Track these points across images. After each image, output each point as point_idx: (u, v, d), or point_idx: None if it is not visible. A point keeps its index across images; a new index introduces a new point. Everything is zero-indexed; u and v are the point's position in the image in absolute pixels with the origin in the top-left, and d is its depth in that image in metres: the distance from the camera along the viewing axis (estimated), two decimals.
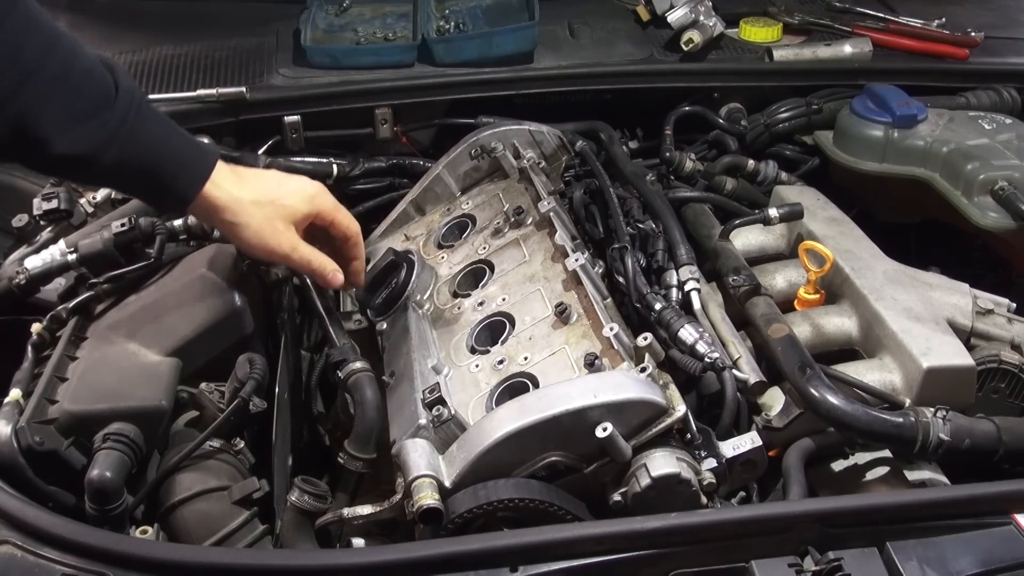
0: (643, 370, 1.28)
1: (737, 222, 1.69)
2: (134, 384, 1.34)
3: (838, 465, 1.43)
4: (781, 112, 2.08)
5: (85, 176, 1.29)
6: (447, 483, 1.21)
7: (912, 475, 1.39)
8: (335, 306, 1.68)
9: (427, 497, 1.16)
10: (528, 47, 2.06)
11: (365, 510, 1.23)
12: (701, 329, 1.41)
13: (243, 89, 1.90)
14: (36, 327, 1.45)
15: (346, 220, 1.45)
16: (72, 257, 1.56)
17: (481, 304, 1.55)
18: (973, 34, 2.15)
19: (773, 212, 1.66)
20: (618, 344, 1.35)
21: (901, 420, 1.29)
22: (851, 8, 2.29)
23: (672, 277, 1.56)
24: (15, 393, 1.31)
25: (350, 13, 2.24)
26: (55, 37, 1.13)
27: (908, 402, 1.36)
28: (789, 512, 1.12)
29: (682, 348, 1.40)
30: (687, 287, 1.54)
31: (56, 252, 1.58)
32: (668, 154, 1.97)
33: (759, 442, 1.30)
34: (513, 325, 1.48)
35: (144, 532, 1.24)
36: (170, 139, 1.25)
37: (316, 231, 1.44)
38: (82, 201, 1.75)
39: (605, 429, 1.19)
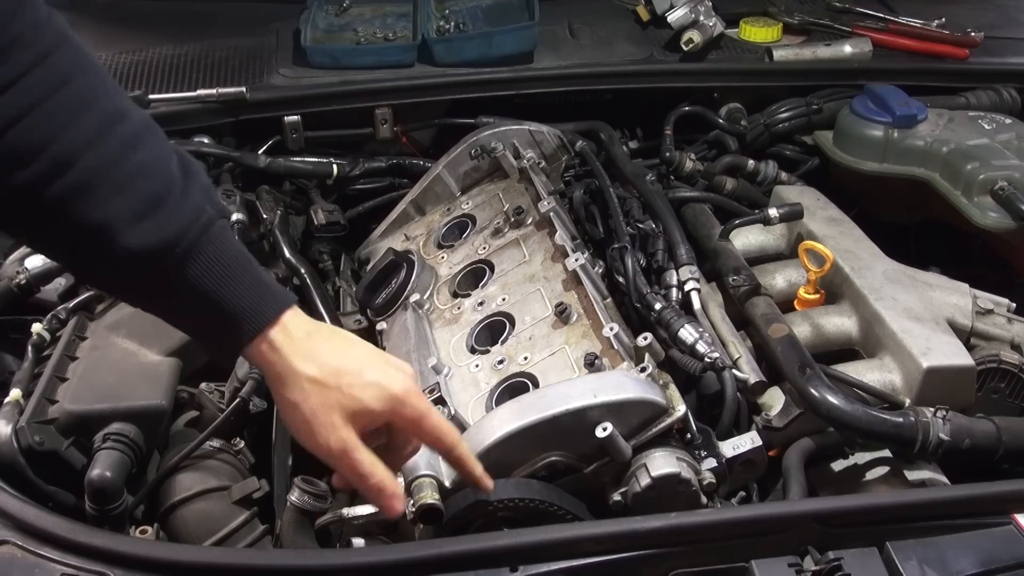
0: (643, 370, 1.28)
1: (737, 222, 1.69)
2: (134, 384, 1.34)
3: (838, 465, 1.42)
4: (781, 112, 2.08)
5: (127, 298, 1.03)
6: (447, 483, 1.20)
7: (912, 475, 1.39)
8: (335, 306, 1.68)
9: (427, 497, 1.16)
10: (528, 47, 2.06)
11: (365, 510, 1.23)
12: (701, 329, 1.41)
13: (243, 89, 1.90)
14: (36, 327, 1.45)
15: (439, 429, 1.06)
16: None
17: (481, 304, 1.55)
18: (973, 34, 2.15)
19: (773, 212, 1.66)
20: (618, 344, 1.35)
21: (901, 420, 1.29)
22: (851, 8, 2.29)
23: (672, 277, 1.56)
24: (15, 393, 1.31)
25: (350, 13, 2.24)
26: (114, 121, 0.92)
27: (908, 402, 1.36)
28: (789, 512, 1.12)
29: (682, 348, 1.40)
30: (687, 287, 1.54)
31: None
32: (668, 154, 1.97)
33: (759, 442, 1.30)
34: (513, 325, 1.48)
35: (144, 532, 1.24)
36: (240, 273, 0.97)
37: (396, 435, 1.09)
38: None
39: (605, 429, 1.19)
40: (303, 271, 1.64)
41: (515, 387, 1.37)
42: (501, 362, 1.42)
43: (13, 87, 0.86)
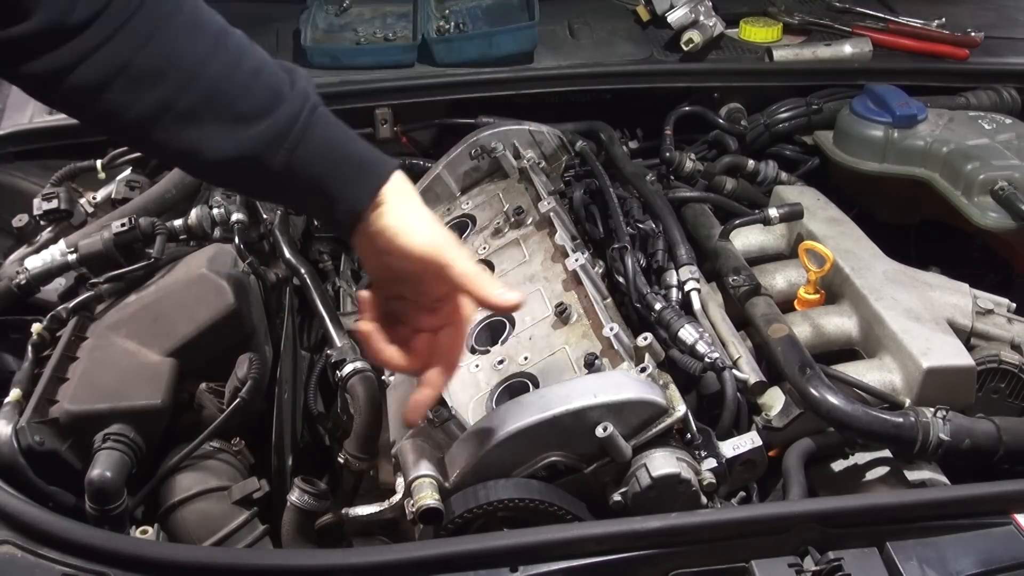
0: (643, 370, 1.28)
1: (737, 222, 1.69)
2: (134, 384, 1.34)
3: (838, 465, 1.43)
4: (781, 112, 2.08)
5: (252, 184, 1.11)
6: (447, 483, 1.21)
7: (912, 475, 1.39)
8: (335, 306, 1.68)
9: (427, 497, 1.16)
10: (528, 47, 2.06)
11: (365, 510, 1.23)
12: (701, 329, 1.41)
13: None
14: (36, 327, 1.45)
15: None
16: (72, 257, 1.56)
17: None
18: (973, 34, 2.15)
19: (773, 212, 1.66)
20: (618, 344, 1.35)
21: (901, 420, 1.29)
22: (851, 8, 2.29)
23: (672, 277, 1.56)
24: (15, 393, 1.31)
25: (350, 13, 2.24)
26: (223, 35, 1.03)
27: (908, 402, 1.36)
28: (789, 512, 1.12)
29: (682, 348, 1.40)
30: (687, 287, 1.54)
31: (56, 252, 1.58)
32: (668, 154, 1.97)
33: (759, 442, 1.30)
34: (513, 325, 1.48)
35: (144, 532, 1.24)
36: (349, 143, 1.09)
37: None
38: (82, 201, 1.76)
39: (605, 429, 1.19)
40: (303, 271, 1.64)
41: (515, 387, 1.37)
42: (501, 362, 1.42)
43: (136, 15, 0.96)
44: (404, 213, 1.09)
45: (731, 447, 1.29)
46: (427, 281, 1.11)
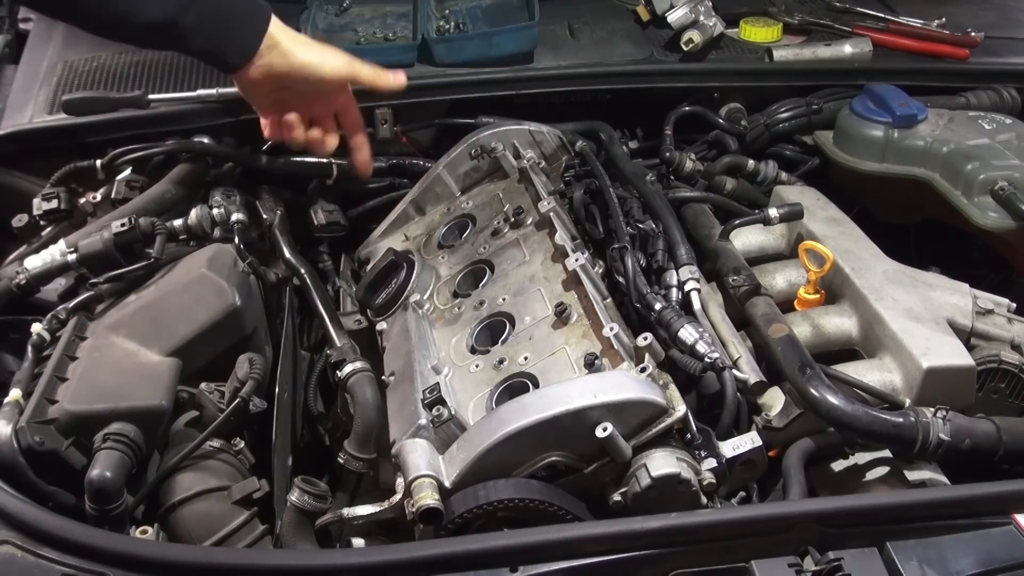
0: (643, 370, 1.29)
1: (737, 222, 1.69)
2: (134, 384, 1.34)
3: (838, 465, 1.43)
4: (781, 112, 2.07)
5: (163, 42, 1.49)
6: (447, 483, 1.21)
7: (912, 475, 1.39)
8: (335, 306, 1.68)
9: (427, 497, 1.16)
10: (528, 47, 2.06)
11: (365, 510, 1.23)
12: (701, 329, 1.41)
13: None
14: (36, 327, 1.45)
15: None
16: (72, 257, 1.56)
17: (481, 304, 1.55)
18: (973, 34, 2.15)
19: (773, 212, 1.66)
20: (618, 344, 1.35)
21: (901, 420, 1.29)
22: (851, 8, 2.29)
23: (672, 277, 1.56)
24: (15, 393, 1.31)
25: (350, 13, 2.23)
26: None
27: (908, 402, 1.36)
28: (789, 512, 1.12)
29: (682, 348, 1.40)
30: (687, 287, 1.54)
31: (56, 252, 1.58)
32: (668, 154, 1.97)
33: (759, 442, 1.30)
34: (513, 325, 1.48)
35: (144, 532, 1.24)
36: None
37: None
38: (82, 201, 1.75)
39: (605, 429, 1.19)
40: (303, 271, 1.64)
41: (515, 387, 1.37)
42: (501, 362, 1.42)
43: None
44: (302, 49, 1.50)
45: (731, 447, 1.29)
46: (332, 95, 1.59)
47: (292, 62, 1.49)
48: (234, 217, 1.66)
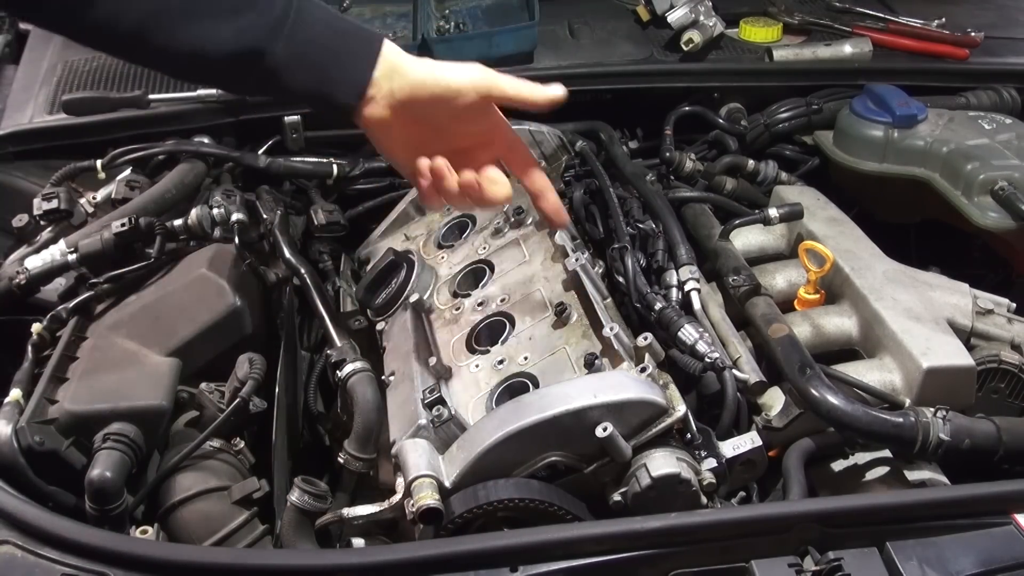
0: (643, 370, 1.28)
1: (737, 222, 1.69)
2: (134, 384, 1.34)
3: (838, 465, 1.43)
4: (781, 112, 2.08)
5: (257, 78, 1.11)
6: (447, 483, 1.21)
7: (912, 475, 1.39)
8: (335, 306, 1.68)
9: (427, 497, 1.16)
10: (528, 47, 2.06)
11: (365, 510, 1.23)
12: (701, 329, 1.41)
13: None
14: (36, 327, 1.45)
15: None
16: (72, 257, 1.56)
17: (481, 304, 1.55)
18: (973, 34, 2.15)
19: (773, 212, 1.66)
20: (618, 344, 1.35)
21: (901, 420, 1.29)
22: (851, 8, 2.29)
23: (672, 277, 1.56)
24: (15, 393, 1.31)
25: (350, 13, 2.23)
26: None
27: (908, 402, 1.36)
28: (789, 512, 1.12)
29: (682, 348, 1.40)
30: (687, 287, 1.54)
31: (56, 252, 1.58)
32: (668, 154, 1.97)
33: (759, 442, 1.30)
34: (513, 325, 1.48)
35: (144, 532, 1.24)
36: (339, 21, 1.15)
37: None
38: (82, 201, 1.75)
39: (605, 429, 1.19)
40: (303, 271, 1.64)
41: (515, 387, 1.37)
42: (501, 362, 1.42)
43: None
44: (426, 64, 1.16)
45: (731, 447, 1.29)
46: (472, 115, 1.20)
47: (414, 80, 1.14)
48: (234, 217, 1.66)
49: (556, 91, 1.24)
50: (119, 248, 1.56)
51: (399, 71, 1.14)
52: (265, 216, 1.75)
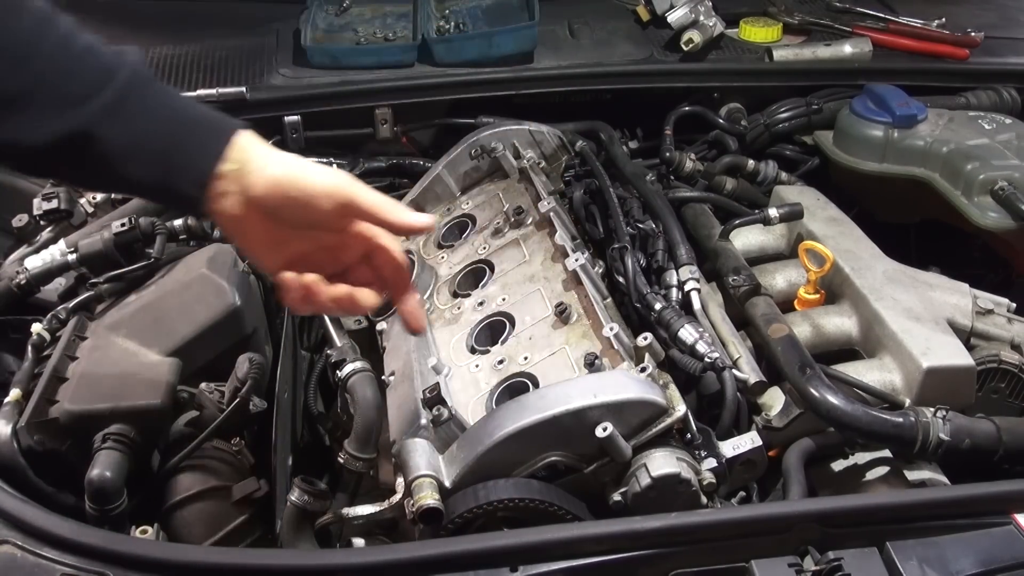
0: (643, 370, 1.28)
1: (737, 222, 1.69)
2: (134, 384, 1.34)
3: (838, 465, 1.43)
4: (781, 112, 2.08)
5: (86, 166, 1.01)
6: (447, 483, 1.20)
7: (912, 475, 1.39)
8: None
9: (427, 497, 1.16)
10: (528, 47, 2.06)
11: (365, 510, 1.23)
12: (701, 329, 1.41)
13: (243, 89, 1.90)
14: (36, 327, 1.45)
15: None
16: (72, 257, 1.56)
17: (481, 304, 1.55)
18: (973, 34, 2.16)
19: (773, 212, 1.66)
20: (618, 344, 1.35)
21: (901, 420, 1.29)
22: (851, 8, 2.29)
23: (672, 277, 1.56)
24: (15, 393, 1.31)
25: (350, 13, 2.24)
26: (49, 14, 0.98)
27: (908, 402, 1.36)
28: (789, 512, 1.12)
29: (682, 348, 1.40)
30: (687, 287, 1.54)
31: (56, 252, 1.58)
32: (668, 154, 1.97)
33: (759, 442, 1.30)
34: (513, 325, 1.48)
35: (144, 532, 1.24)
36: (189, 109, 1.04)
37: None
38: (82, 201, 1.76)
39: (605, 429, 1.19)
40: None
41: (515, 387, 1.37)
42: (501, 362, 1.42)
43: None
44: (285, 162, 1.04)
45: (731, 447, 1.29)
46: (330, 222, 1.05)
47: (270, 178, 1.02)
48: None
49: (422, 220, 1.10)
50: (119, 248, 1.56)
51: (255, 166, 1.02)
52: None
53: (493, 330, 1.50)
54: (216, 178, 1.01)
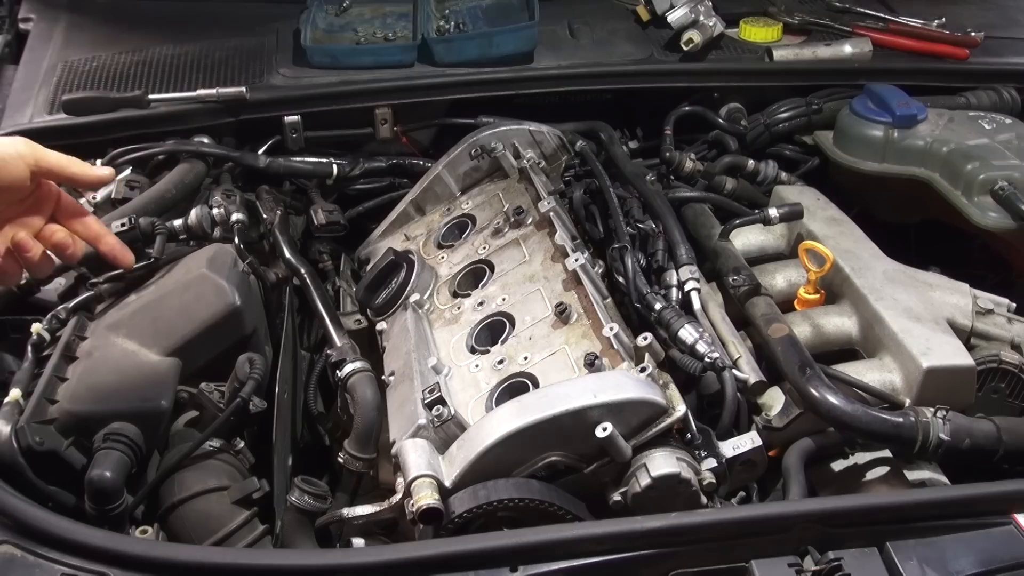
0: (643, 370, 1.28)
1: (737, 222, 1.69)
2: (134, 384, 1.34)
3: (838, 465, 1.43)
4: (781, 112, 2.08)
5: None
6: (447, 483, 1.21)
7: (912, 475, 1.39)
8: (335, 306, 1.68)
9: (427, 497, 1.16)
10: (528, 47, 2.06)
11: (365, 510, 1.23)
12: (701, 329, 1.41)
13: (243, 89, 1.90)
14: (36, 327, 1.45)
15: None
16: None
17: (481, 304, 1.55)
18: (973, 34, 2.16)
19: (773, 212, 1.66)
20: (618, 344, 1.35)
21: (901, 420, 1.29)
22: (851, 8, 2.29)
23: (672, 277, 1.56)
24: (15, 393, 1.31)
25: (350, 13, 2.24)
26: None
27: (908, 402, 1.36)
28: (789, 512, 1.12)
29: (682, 348, 1.40)
30: (687, 287, 1.54)
31: None
32: (668, 154, 1.97)
33: (759, 442, 1.30)
34: (513, 325, 1.48)
35: (144, 532, 1.24)
36: None
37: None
38: (82, 201, 1.75)
39: (605, 429, 1.19)
40: (303, 271, 1.64)
41: (515, 387, 1.37)
42: (501, 362, 1.42)
43: None
44: None
45: (731, 447, 1.29)
46: (19, 185, 1.14)
47: None
48: (234, 217, 1.66)
49: (103, 171, 1.24)
50: None
51: None
52: (265, 216, 1.75)
53: (493, 330, 1.50)
54: None
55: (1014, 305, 1.58)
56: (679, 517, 1.09)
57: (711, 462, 1.26)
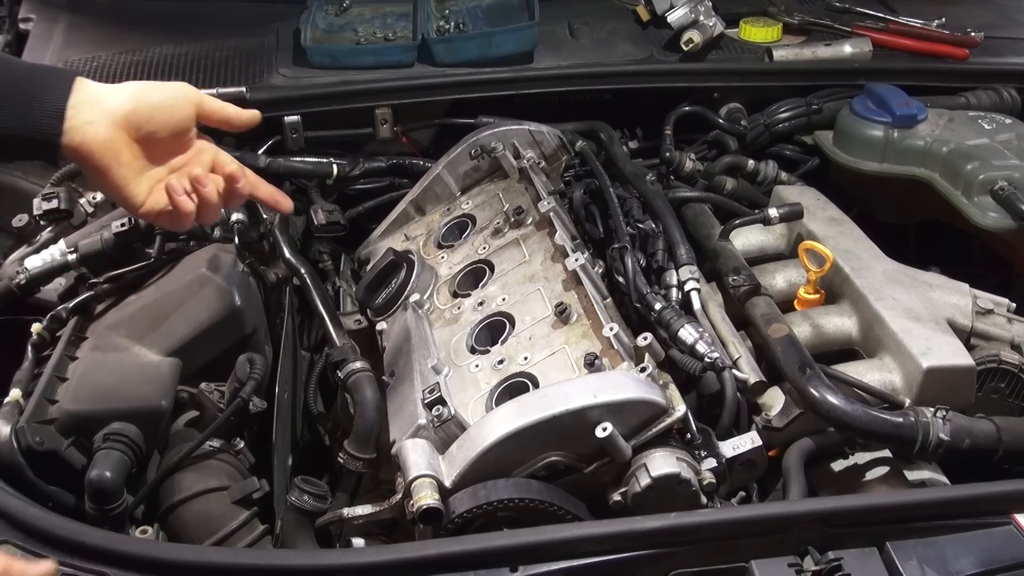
0: (643, 370, 1.29)
1: (737, 222, 1.69)
2: (134, 384, 1.34)
3: (838, 465, 1.43)
4: (781, 112, 2.08)
5: None
6: (447, 483, 1.21)
7: (912, 475, 1.39)
8: (335, 306, 1.68)
9: (427, 497, 1.16)
10: (528, 47, 2.06)
11: (365, 510, 1.23)
12: (701, 329, 1.41)
13: (243, 89, 1.90)
14: (36, 327, 1.45)
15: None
16: (72, 257, 1.56)
17: (481, 304, 1.55)
18: (973, 34, 2.15)
19: (773, 212, 1.66)
20: (618, 344, 1.35)
21: (901, 420, 1.29)
22: (851, 8, 2.29)
23: (672, 277, 1.56)
24: (15, 393, 1.31)
25: (350, 13, 2.24)
26: None
27: (908, 402, 1.36)
28: (789, 512, 1.12)
29: (682, 348, 1.40)
30: (687, 287, 1.54)
31: (56, 252, 1.58)
32: (668, 154, 1.97)
33: (759, 442, 1.30)
34: (513, 325, 1.48)
35: (144, 532, 1.24)
36: (17, 63, 1.15)
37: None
38: (82, 201, 1.75)
39: (605, 429, 1.19)
40: (303, 271, 1.64)
41: (515, 387, 1.37)
42: (501, 362, 1.42)
43: None
44: (128, 85, 1.15)
45: (731, 447, 1.29)
46: (187, 124, 1.18)
47: (131, 94, 1.13)
48: (234, 217, 1.66)
49: (252, 113, 1.27)
50: (119, 248, 1.56)
51: (104, 93, 1.13)
52: (265, 216, 1.75)
53: (493, 330, 1.51)
54: (71, 108, 1.09)
55: (1014, 305, 1.58)
56: (679, 517, 1.09)
57: (711, 462, 1.26)
